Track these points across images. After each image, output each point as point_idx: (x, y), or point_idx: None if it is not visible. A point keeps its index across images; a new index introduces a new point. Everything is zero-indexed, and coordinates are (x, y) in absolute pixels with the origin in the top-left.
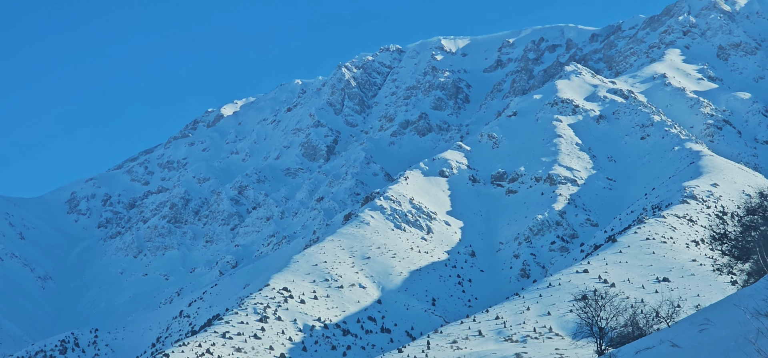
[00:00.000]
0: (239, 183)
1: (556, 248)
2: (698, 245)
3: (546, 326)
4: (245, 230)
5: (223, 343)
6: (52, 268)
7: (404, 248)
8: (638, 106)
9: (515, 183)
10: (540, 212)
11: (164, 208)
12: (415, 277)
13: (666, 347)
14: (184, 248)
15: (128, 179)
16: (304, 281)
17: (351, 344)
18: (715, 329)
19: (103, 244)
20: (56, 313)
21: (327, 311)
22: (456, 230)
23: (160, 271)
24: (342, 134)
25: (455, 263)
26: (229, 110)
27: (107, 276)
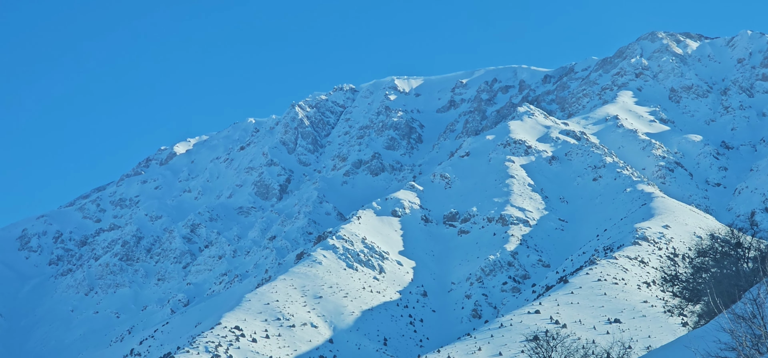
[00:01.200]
0: (192, 221)
1: (508, 289)
2: (650, 286)
3: None
4: (197, 268)
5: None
6: (2, 305)
7: (356, 288)
8: (591, 148)
9: (467, 223)
10: (492, 253)
11: (116, 245)
12: (368, 316)
13: None
14: (136, 286)
15: (80, 217)
16: (256, 319)
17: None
18: None
19: (54, 281)
20: (6, 350)
21: (279, 350)
22: (408, 269)
23: (111, 309)
24: (295, 173)
25: (407, 302)
26: (182, 148)
27: (58, 314)
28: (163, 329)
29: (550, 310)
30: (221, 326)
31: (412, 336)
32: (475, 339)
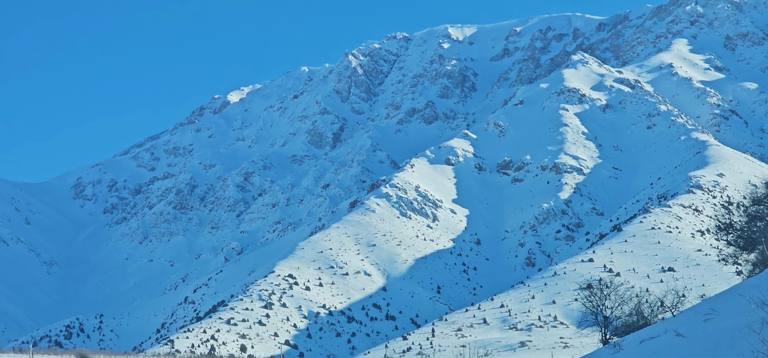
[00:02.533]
0: (245, 170)
1: (562, 237)
2: (703, 235)
3: (551, 315)
4: (251, 216)
5: (228, 329)
6: (58, 253)
7: (410, 236)
8: (645, 96)
9: (521, 172)
10: (545, 201)
11: (170, 194)
12: (421, 265)
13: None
14: (190, 234)
15: (134, 165)
16: (310, 268)
17: (356, 331)
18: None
19: (109, 230)
20: (61, 298)
21: (332, 298)
22: (461, 218)
23: (165, 257)
24: (348, 122)
25: (461, 251)
26: (235, 97)
27: (112, 262)
28: (216, 278)
29: (604, 258)
30: (274, 274)
31: (466, 284)
32: (529, 287)
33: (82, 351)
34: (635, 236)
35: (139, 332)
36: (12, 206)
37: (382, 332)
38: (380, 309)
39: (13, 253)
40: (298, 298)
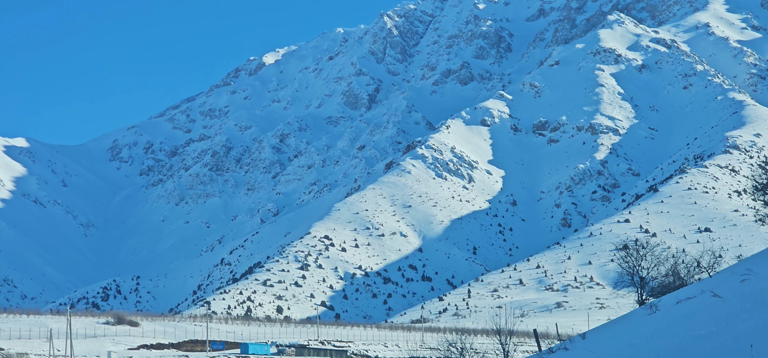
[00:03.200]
0: (281, 131)
1: (598, 198)
2: (740, 195)
3: (587, 276)
4: (287, 178)
5: (265, 290)
6: (94, 215)
7: (445, 197)
8: (681, 56)
9: (557, 132)
10: (581, 162)
11: (206, 156)
12: (457, 226)
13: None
14: (226, 196)
15: (170, 127)
16: (346, 229)
17: (392, 292)
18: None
19: (145, 191)
20: (98, 260)
21: (368, 259)
22: (497, 179)
23: (201, 219)
24: (383, 83)
25: (496, 212)
26: (270, 59)
27: (149, 224)
28: (252, 239)
29: (640, 219)
30: (311, 235)
31: (502, 245)
32: (565, 248)
33: (119, 313)
34: (671, 197)
35: (175, 293)
36: (49, 169)
37: (418, 293)
38: (416, 270)
39: (50, 215)
40: (334, 259)
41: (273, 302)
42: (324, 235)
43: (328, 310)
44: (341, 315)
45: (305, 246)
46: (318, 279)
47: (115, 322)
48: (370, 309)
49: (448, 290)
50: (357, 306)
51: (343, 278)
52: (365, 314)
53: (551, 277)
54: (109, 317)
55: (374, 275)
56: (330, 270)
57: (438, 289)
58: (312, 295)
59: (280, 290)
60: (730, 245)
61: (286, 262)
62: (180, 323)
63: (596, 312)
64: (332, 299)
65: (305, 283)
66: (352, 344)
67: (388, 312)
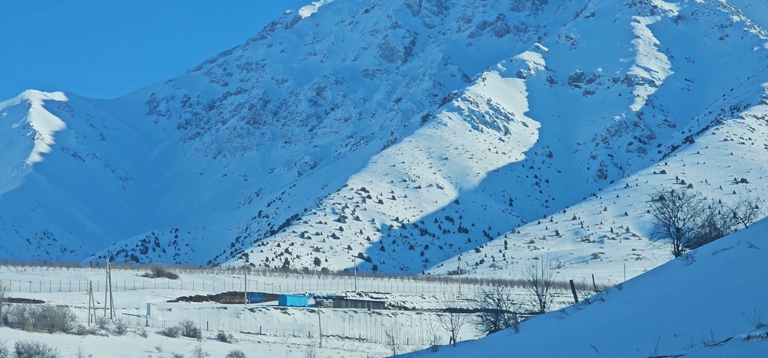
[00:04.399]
0: (317, 84)
1: (634, 149)
2: None
3: (623, 227)
4: (323, 130)
5: (302, 242)
6: (133, 169)
7: (481, 149)
8: (717, 6)
9: (593, 84)
10: (617, 113)
11: (243, 109)
12: (493, 177)
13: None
14: (263, 149)
15: (207, 81)
16: (382, 181)
17: (428, 244)
18: None
19: (183, 145)
20: (136, 213)
21: (405, 211)
22: (533, 130)
23: (239, 172)
24: (420, 35)
25: (532, 163)
26: (306, 12)
27: (187, 177)
28: (290, 192)
29: (676, 170)
30: (347, 187)
31: (538, 196)
32: (601, 199)
33: (158, 265)
34: (707, 148)
35: (213, 245)
36: (87, 123)
37: (455, 245)
38: (453, 222)
39: (89, 169)
40: (371, 211)
41: (310, 254)
42: (361, 187)
43: (366, 262)
44: (378, 267)
45: (342, 198)
46: (355, 231)
47: (154, 274)
48: (407, 261)
49: (484, 242)
50: (394, 258)
51: (379, 230)
52: (402, 266)
53: (587, 228)
54: (148, 270)
55: (411, 227)
56: (367, 222)
57: (474, 240)
58: (349, 247)
59: (317, 242)
60: (766, 195)
61: (324, 214)
62: (218, 276)
63: (632, 263)
64: (369, 251)
65: (342, 235)
66: (390, 296)
67: (425, 264)
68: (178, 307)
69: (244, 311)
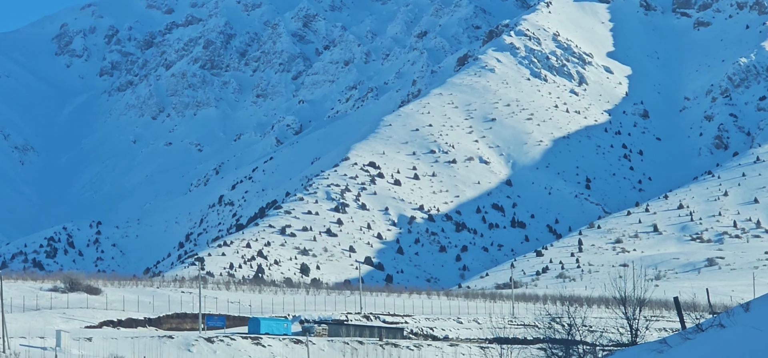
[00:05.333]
0: (305, 11)
1: (767, 106)
2: None
3: (752, 220)
4: (313, 79)
5: (283, 242)
6: (35, 135)
7: (545, 106)
8: None
9: (708, 11)
10: (743, 54)
11: (196, 47)
12: (562, 147)
13: None
14: (225, 106)
15: (143, 6)
16: (400, 152)
17: (467, 243)
18: None
19: (108, 100)
20: (41, 199)
21: (432, 196)
22: (620, 79)
23: (190, 138)
24: None
25: (619, 127)
26: None
27: (114, 146)
28: (265, 168)
29: None
30: (349, 162)
31: (627, 175)
32: (720, 179)
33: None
34: None
35: (153, 246)
36: None
37: (506, 245)
38: (503, 212)
39: None
40: (383, 196)
41: (295, 258)
42: (369, 161)
43: (376, 270)
44: (394, 277)
45: (341, 178)
46: (360, 226)
47: (67, 288)
48: (436, 268)
49: (549, 241)
50: (417, 264)
51: (396, 224)
52: (429, 276)
53: (700, 222)
54: (57, 282)
55: (442, 220)
56: (378, 212)
57: (535, 239)
58: (351, 248)
59: (305, 242)
60: None
61: (314, 201)
62: (160, 290)
63: (765, 273)
64: (381, 255)
65: (342, 231)
66: (410, 320)
67: (463, 273)
68: (101, 335)
69: (199, 341)
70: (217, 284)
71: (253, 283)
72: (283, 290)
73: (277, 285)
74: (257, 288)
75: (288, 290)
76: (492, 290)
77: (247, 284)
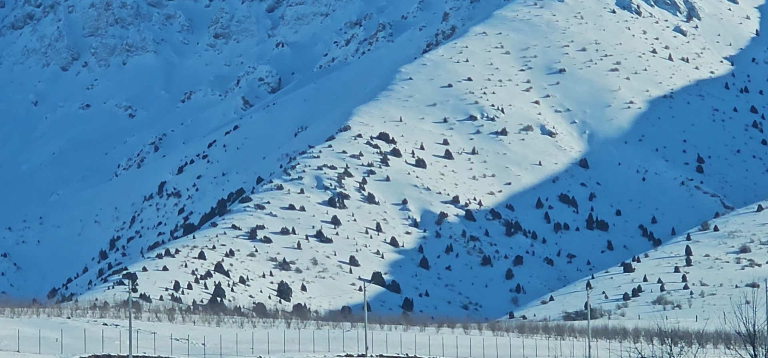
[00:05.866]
0: None
1: None
2: None
3: None
4: (298, 10)
5: (252, 250)
6: None
7: (638, 51)
8: None
9: None
10: None
11: None
12: (662, 111)
13: None
14: (169, 51)
15: None
16: (425, 119)
17: (523, 254)
18: None
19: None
20: None
21: (472, 183)
22: (748, 11)
23: (117, 99)
24: None
25: (746, 81)
26: None
27: (6, 110)
28: (226, 142)
29: None
30: (350, 133)
31: (758, 152)
32: None
33: None
34: None
35: (62, 256)
36: None
37: (579, 255)
38: (575, 206)
39: None
40: (400, 184)
41: (271, 274)
42: (379, 133)
43: (389, 291)
44: (415, 302)
45: (339, 157)
46: (366, 227)
47: None
48: (476, 290)
49: (642, 250)
50: (449, 284)
51: (418, 225)
52: (467, 301)
53: None
54: None
55: (485, 218)
56: (392, 207)
57: (621, 246)
58: (352, 260)
59: (285, 251)
60: None
61: (299, 191)
62: (73, 322)
63: None
64: (396, 270)
65: (339, 235)
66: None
67: (516, 296)
68: None
69: None
70: (157, 312)
71: (208, 311)
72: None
73: (244, 314)
74: (215, 319)
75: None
76: (558, 321)
77: (199, 313)
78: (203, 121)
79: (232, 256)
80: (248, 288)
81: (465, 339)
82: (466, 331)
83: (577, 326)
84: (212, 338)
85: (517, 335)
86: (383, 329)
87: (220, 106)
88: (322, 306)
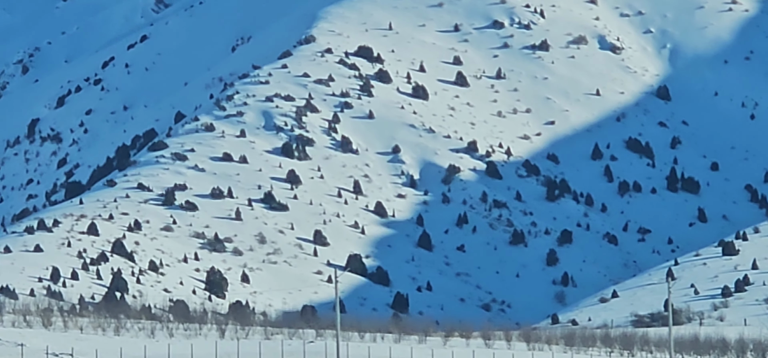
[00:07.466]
0: None
1: None
2: None
3: None
4: None
5: (168, 220)
6: None
7: None
8: None
9: None
10: None
11: None
12: None
13: None
14: None
15: None
16: (426, 26)
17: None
18: None
19: None
20: None
21: (497, 122)
22: None
23: None
24: None
25: None
26: None
27: None
28: (130, 59)
29: None
30: (314, 46)
31: None
32: None
33: None
34: None
35: None
36: None
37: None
38: (650, 156)
39: None
40: (387, 122)
41: (196, 257)
42: (357, 46)
43: (371, 283)
44: (411, 299)
45: (298, 82)
46: (337, 186)
47: None
48: (501, 282)
49: (751, 221)
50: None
51: (415, 185)
52: (489, 299)
53: None
54: None
55: (515, 174)
56: (376, 156)
57: (718, 216)
58: (318, 238)
59: (216, 222)
60: None
61: (238, 133)
62: None
63: None
64: (383, 250)
65: (297, 200)
66: None
67: (562, 291)
68: None
69: None
70: (25, 314)
71: (102, 312)
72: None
73: (157, 317)
74: (111, 324)
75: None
76: (626, 327)
77: (89, 315)
78: (95, 29)
79: (139, 230)
80: (162, 278)
81: (486, 354)
82: (487, 343)
83: (653, 335)
84: (108, 352)
85: (564, 349)
86: (363, 340)
87: (121, 6)
88: (272, 305)
